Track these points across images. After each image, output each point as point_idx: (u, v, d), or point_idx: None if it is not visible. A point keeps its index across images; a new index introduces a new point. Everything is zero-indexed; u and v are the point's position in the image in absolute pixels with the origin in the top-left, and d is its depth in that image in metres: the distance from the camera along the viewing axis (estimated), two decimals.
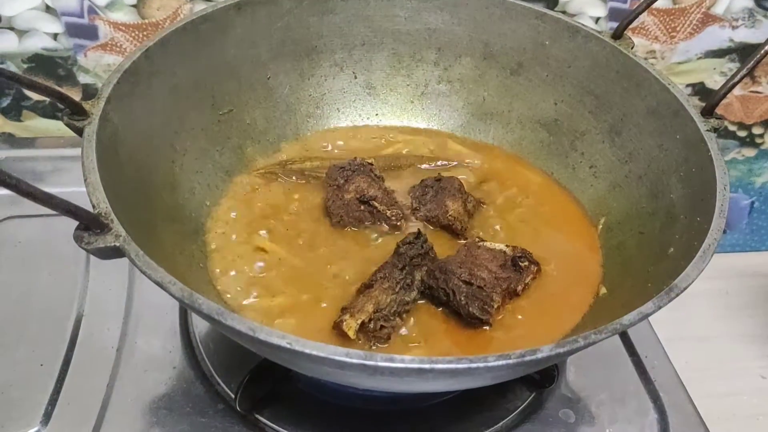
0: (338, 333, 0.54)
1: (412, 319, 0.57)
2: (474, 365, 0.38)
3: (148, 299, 0.68)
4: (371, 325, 0.54)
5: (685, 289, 0.45)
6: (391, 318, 0.55)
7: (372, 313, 0.54)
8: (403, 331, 0.56)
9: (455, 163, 0.74)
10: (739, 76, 0.57)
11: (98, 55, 0.85)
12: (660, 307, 0.44)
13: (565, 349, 0.40)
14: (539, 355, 0.39)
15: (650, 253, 0.57)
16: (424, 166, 0.73)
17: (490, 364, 0.38)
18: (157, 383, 0.61)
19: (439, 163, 0.74)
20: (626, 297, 0.54)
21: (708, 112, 0.59)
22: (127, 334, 0.65)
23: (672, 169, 0.60)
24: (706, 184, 0.54)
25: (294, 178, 0.69)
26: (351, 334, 0.53)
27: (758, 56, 0.56)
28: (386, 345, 0.54)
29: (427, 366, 0.38)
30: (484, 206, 0.68)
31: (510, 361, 0.39)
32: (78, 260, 0.71)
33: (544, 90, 0.73)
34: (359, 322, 0.53)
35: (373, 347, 0.54)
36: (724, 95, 0.58)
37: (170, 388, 0.61)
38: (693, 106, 0.60)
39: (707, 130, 0.57)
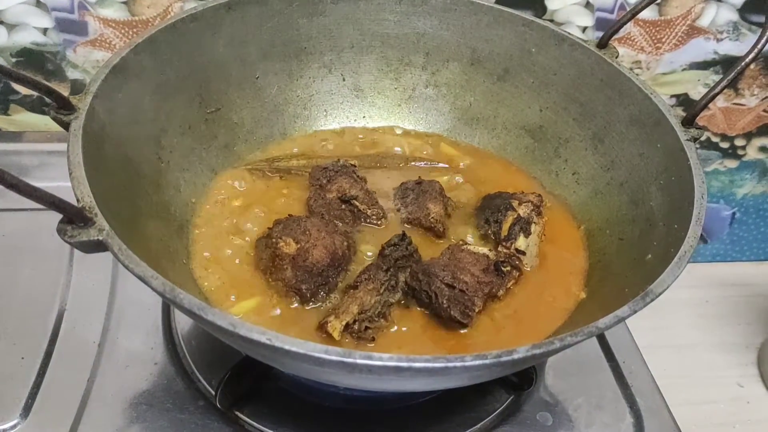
0: (323, 334, 0.54)
1: (394, 319, 0.58)
2: (451, 364, 0.39)
3: (131, 295, 0.68)
4: (356, 326, 0.54)
5: (660, 294, 0.46)
6: (376, 319, 0.55)
7: (357, 314, 0.54)
8: (386, 331, 0.56)
9: (440, 164, 0.74)
10: (719, 87, 0.58)
11: (87, 51, 0.85)
12: (635, 311, 0.44)
13: (540, 350, 0.41)
14: (515, 356, 0.40)
15: (629, 259, 0.58)
16: (411, 164, 0.74)
17: (466, 363, 0.39)
18: (138, 379, 0.61)
19: (426, 163, 0.74)
20: (605, 301, 0.55)
21: (689, 122, 0.60)
22: (109, 329, 0.65)
23: (652, 177, 0.61)
24: (685, 193, 0.55)
25: (280, 175, 0.70)
26: (336, 335, 0.53)
27: (739, 68, 0.57)
28: (371, 345, 0.55)
29: (404, 364, 0.39)
30: (466, 207, 0.69)
31: (486, 361, 0.39)
32: (61, 255, 0.71)
33: (529, 96, 0.74)
34: (344, 323, 0.54)
35: (359, 347, 0.54)
36: (705, 106, 0.59)
37: (151, 384, 0.61)
38: (674, 115, 0.61)
39: (687, 140, 0.58)
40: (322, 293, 0.58)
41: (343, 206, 0.64)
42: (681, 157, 0.58)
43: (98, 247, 0.43)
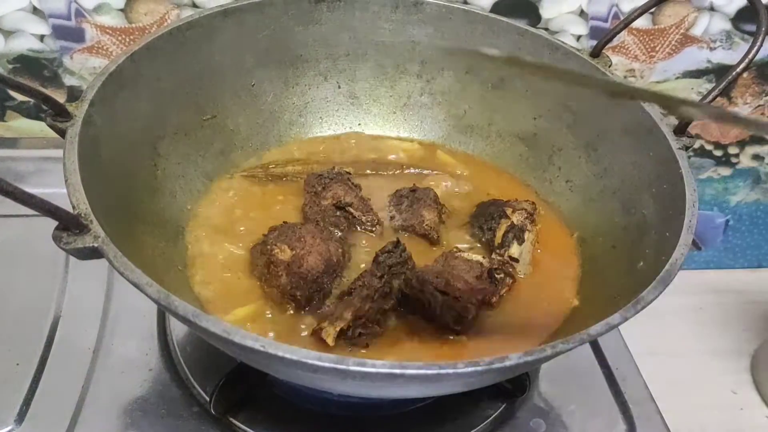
0: (317, 340, 0.54)
1: (388, 326, 0.58)
2: (443, 371, 0.39)
3: (126, 301, 0.68)
4: (350, 333, 0.54)
5: (651, 301, 0.46)
6: (370, 325, 0.56)
7: (351, 321, 0.54)
8: (381, 337, 0.57)
9: (435, 171, 0.75)
10: (711, 96, 0.59)
11: (84, 58, 0.86)
12: (627, 319, 0.45)
13: (532, 357, 0.41)
14: (507, 363, 0.40)
15: (621, 267, 0.59)
16: (406, 171, 0.74)
17: (459, 370, 0.39)
18: (132, 385, 0.61)
19: (421, 171, 0.75)
20: (597, 308, 0.55)
21: (681, 131, 0.60)
22: (104, 335, 0.65)
23: (645, 185, 0.62)
24: (677, 201, 0.55)
25: (276, 182, 0.70)
26: (330, 341, 0.53)
27: (730, 77, 0.58)
28: (365, 352, 0.55)
29: (397, 371, 0.39)
30: (460, 214, 0.69)
31: (479, 368, 0.40)
32: (57, 261, 0.71)
33: (524, 105, 0.74)
34: (338, 329, 0.54)
35: (353, 354, 0.55)
36: None
37: (146, 391, 0.61)
38: (667, 124, 0.61)
39: (679, 149, 0.59)
40: (316, 300, 0.58)
41: (338, 213, 0.65)
42: (673, 166, 0.58)
43: (93, 253, 0.43)
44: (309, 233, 0.59)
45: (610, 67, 0.68)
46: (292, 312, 0.57)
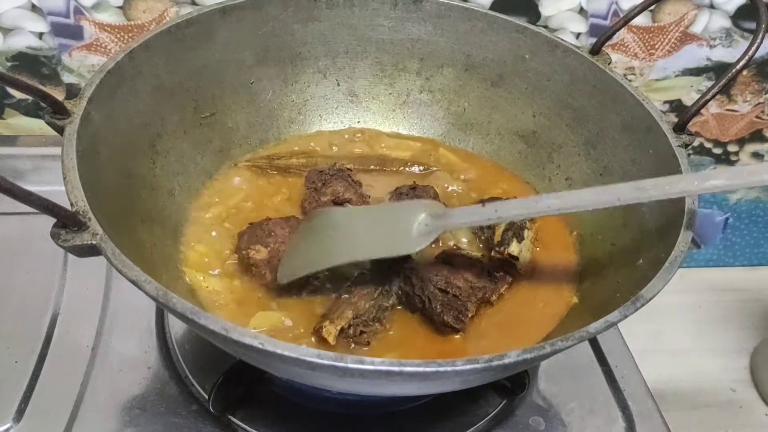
0: (318, 339, 0.54)
1: (388, 324, 0.58)
2: (442, 369, 0.39)
3: (124, 299, 0.68)
4: (351, 331, 0.54)
5: (650, 299, 0.46)
6: (371, 323, 0.56)
7: (351, 319, 0.54)
8: (381, 336, 0.57)
9: (435, 169, 0.74)
10: (710, 94, 0.58)
11: (83, 55, 0.86)
12: (626, 316, 0.45)
13: (531, 355, 0.41)
14: (506, 360, 0.40)
15: (620, 264, 0.59)
16: (407, 169, 0.74)
17: (458, 368, 0.39)
18: (131, 383, 0.61)
19: (422, 168, 0.75)
20: (596, 306, 0.55)
21: (680, 129, 0.60)
22: (102, 333, 0.65)
23: None
24: (676, 199, 0.55)
25: (281, 174, 0.71)
26: (331, 339, 0.53)
27: (729, 75, 0.57)
28: (366, 350, 0.55)
29: (396, 368, 0.39)
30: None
31: (477, 366, 0.39)
32: (56, 259, 0.71)
33: (523, 102, 0.74)
34: (339, 327, 0.54)
35: (354, 352, 0.55)
36: (696, 112, 0.59)
37: (144, 388, 0.61)
38: (666, 122, 0.61)
39: (678, 146, 0.59)
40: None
41: None
42: (672, 163, 0.58)
43: (92, 251, 0.43)
44: (277, 226, 0.60)
45: (609, 64, 0.67)
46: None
